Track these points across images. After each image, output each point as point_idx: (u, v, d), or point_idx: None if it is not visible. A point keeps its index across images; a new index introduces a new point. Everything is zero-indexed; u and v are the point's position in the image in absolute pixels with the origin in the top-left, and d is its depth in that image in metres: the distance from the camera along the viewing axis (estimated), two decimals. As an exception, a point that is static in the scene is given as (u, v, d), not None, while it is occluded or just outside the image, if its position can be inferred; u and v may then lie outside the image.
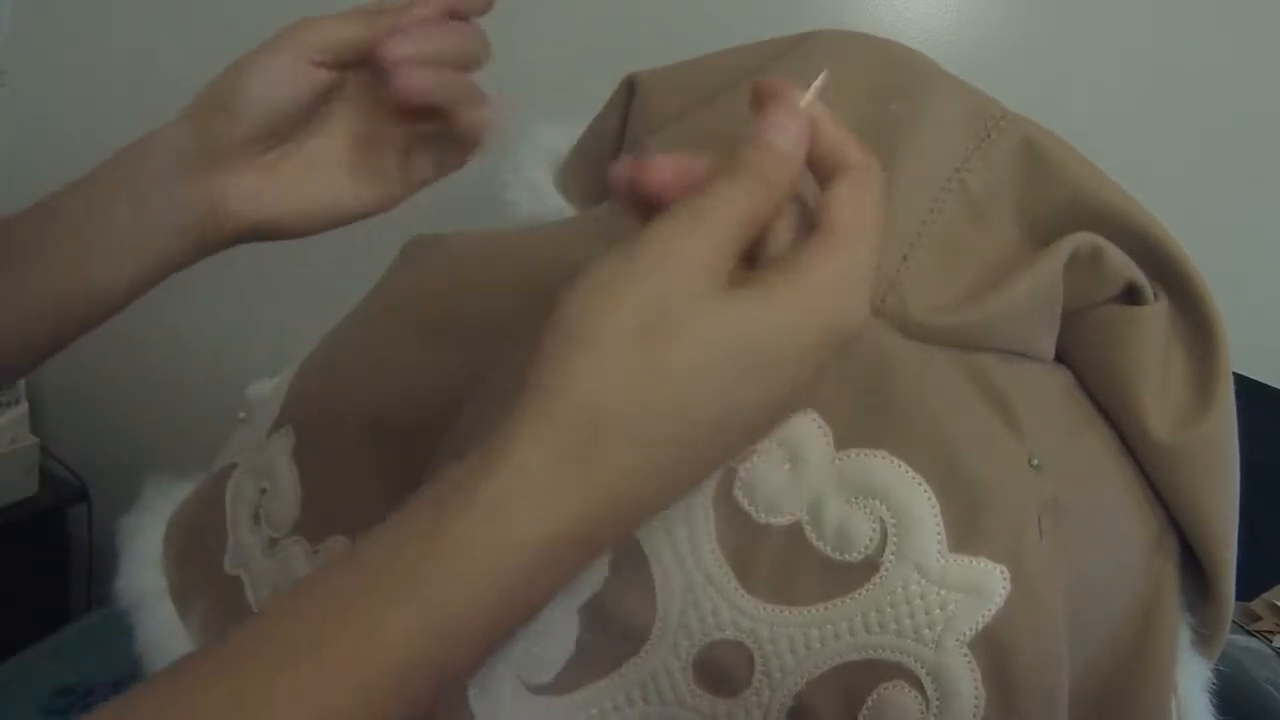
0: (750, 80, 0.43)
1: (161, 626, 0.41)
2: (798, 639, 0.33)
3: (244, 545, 0.41)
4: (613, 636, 0.34)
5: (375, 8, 0.39)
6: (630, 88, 0.47)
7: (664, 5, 1.03)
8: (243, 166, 0.39)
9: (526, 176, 0.49)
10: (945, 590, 0.32)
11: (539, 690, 0.34)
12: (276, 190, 0.40)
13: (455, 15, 0.40)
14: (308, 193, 0.41)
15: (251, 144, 0.39)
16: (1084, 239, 0.37)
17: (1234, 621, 0.47)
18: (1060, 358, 0.40)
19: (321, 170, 0.41)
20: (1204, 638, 0.40)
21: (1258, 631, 0.73)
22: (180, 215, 0.39)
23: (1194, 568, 0.39)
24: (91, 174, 0.40)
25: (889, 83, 0.41)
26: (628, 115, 0.47)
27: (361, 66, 0.40)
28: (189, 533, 0.44)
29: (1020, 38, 0.93)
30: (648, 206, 0.27)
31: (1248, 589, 0.75)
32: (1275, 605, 0.76)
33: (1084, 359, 0.40)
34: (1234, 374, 0.39)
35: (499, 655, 0.32)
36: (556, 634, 0.33)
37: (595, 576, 0.33)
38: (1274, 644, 0.71)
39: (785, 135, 0.27)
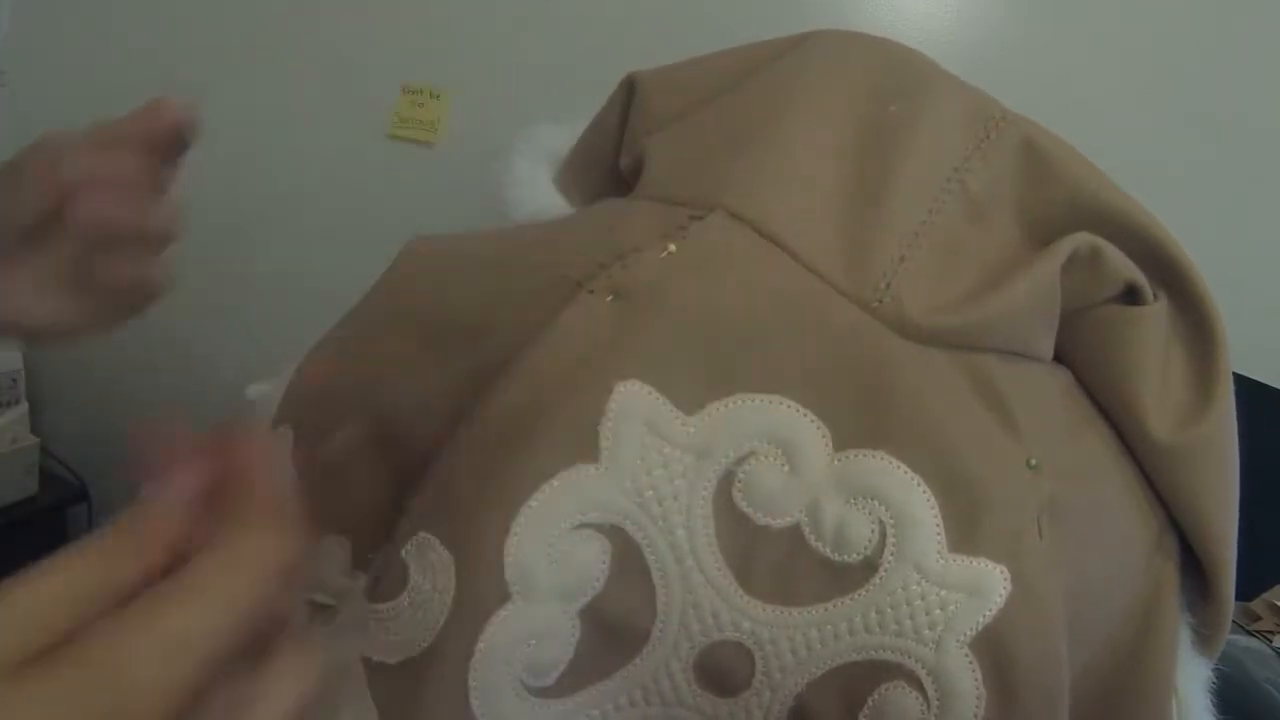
0: (750, 79, 0.43)
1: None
2: (798, 639, 0.33)
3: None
4: (614, 639, 0.34)
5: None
6: (630, 87, 0.47)
7: (664, 5, 1.03)
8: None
9: (526, 176, 0.49)
10: (945, 590, 0.32)
11: (541, 693, 0.34)
12: (10, 296, 0.41)
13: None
14: (36, 306, 0.41)
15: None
16: (1083, 239, 0.37)
17: (1234, 621, 0.47)
18: (1060, 358, 0.40)
19: (46, 286, 0.41)
20: (1204, 638, 0.40)
21: (1258, 631, 0.73)
22: None
23: (1194, 568, 0.39)
24: None
25: (889, 83, 0.41)
26: (627, 115, 0.47)
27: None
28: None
29: (1020, 38, 0.93)
30: None
31: (1248, 589, 0.75)
32: (1275, 605, 0.76)
33: (1084, 359, 0.40)
34: (1234, 374, 0.39)
35: (499, 659, 0.32)
36: (557, 637, 0.33)
37: (595, 579, 0.33)
38: (1274, 644, 0.71)
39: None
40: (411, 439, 0.37)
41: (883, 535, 0.32)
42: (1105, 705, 0.37)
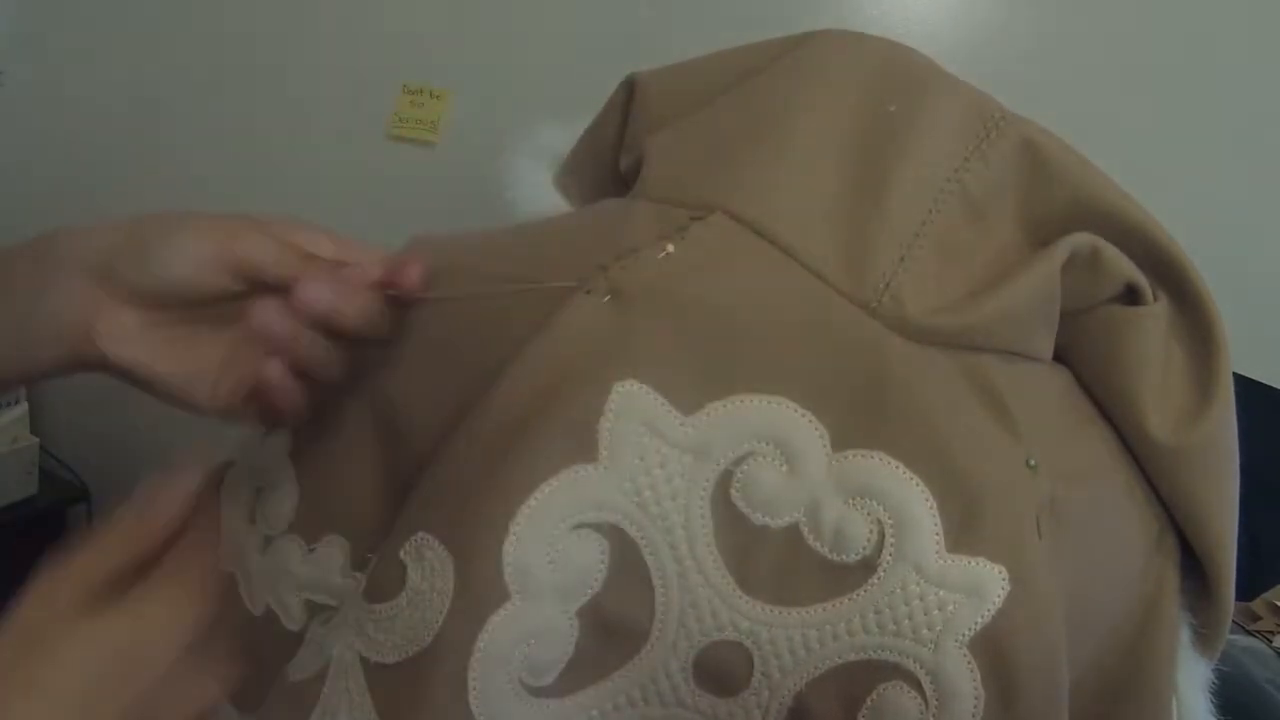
0: (750, 79, 0.43)
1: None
2: (796, 640, 0.33)
3: (239, 543, 0.41)
4: (612, 638, 0.34)
5: (305, 248, 0.38)
6: (630, 88, 0.47)
7: (664, 5, 1.03)
8: (129, 306, 0.39)
9: (526, 176, 0.49)
10: (944, 591, 0.32)
11: (540, 693, 0.34)
12: (145, 344, 0.39)
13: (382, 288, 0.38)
14: (173, 363, 0.39)
15: (146, 297, 0.38)
16: (1083, 239, 0.37)
17: (1234, 621, 0.47)
18: (1060, 358, 0.40)
19: (192, 351, 0.40)
20: (1204, 638, 0.40)
21: (1258, 631, 0.73)
22: (61, 315, 0.39)
23: (1194, 568, 0.39)
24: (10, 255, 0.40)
25: (888, 83, 0.41)
26: (627, 115, 0.47)
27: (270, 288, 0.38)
28: (186, 530, 0.44)
29: (1020, 38, 0.93)
30: None
31: (1248, 589, 0.75)
32: (1275, 605, 0.76)
33: (1083, 359, 0.40)
34: (1234, 374, 0.39)
35: (498, 658, 0.32)
36: (556, 636, 0.33)
37: (594, 578, 0.33)
38: (1274, 644, 0.71)
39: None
40: (410, 438, 0.37)
41: (881, 535, 0.32)
42: (1105, 705, 0.37)
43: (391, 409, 0.38)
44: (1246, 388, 0.41)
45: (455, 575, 0.32)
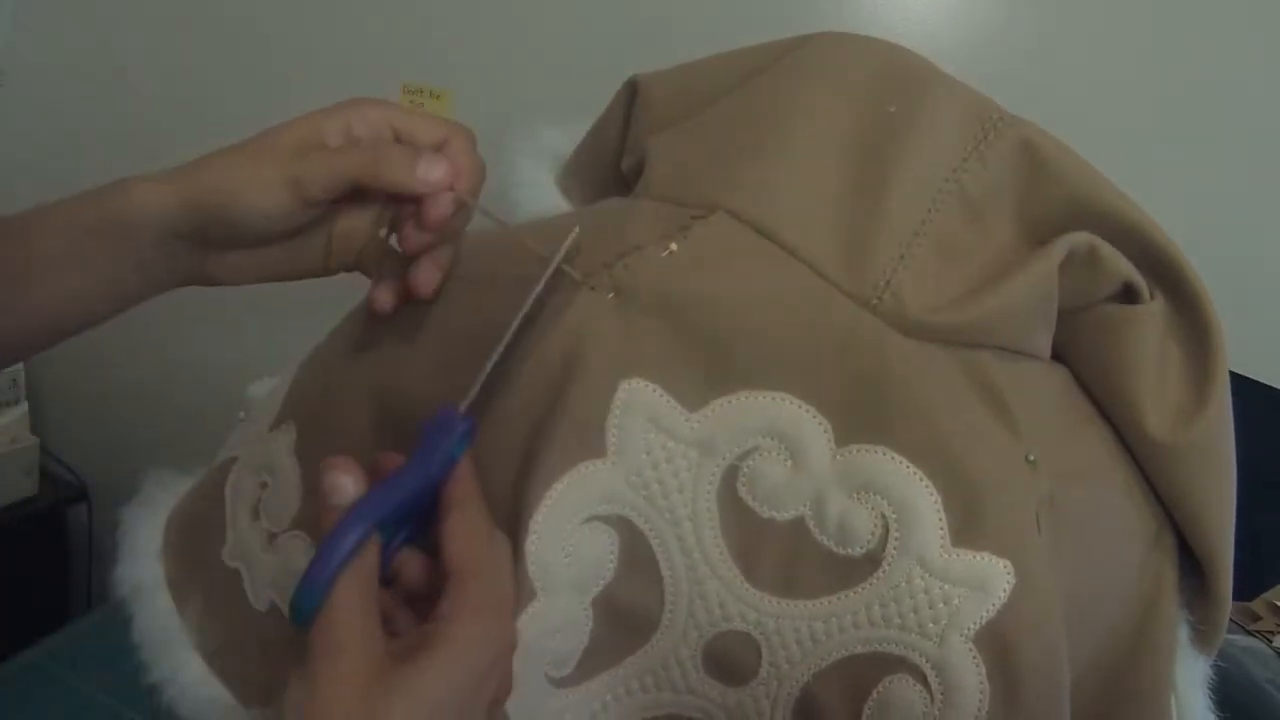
0: (751, 81, 0.43)
1: (158, 617, 0.41)
2: (803, 631, 0.33)
3: (243, 539, 0.41)
4: (625, 626, 0.34)
5: (371, 145, 0.40)
6: (632, 89, 0.47)
7: (665, 6, 1.03)
8: (234, 252, 0.42)
9: (529, 177, 0.49)
10: (948, 585, 0.32)
11: (561, 683, 0.34)
12: (259, 266, 0.42)
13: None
14: (284, 266, 0.43)
15: (243, 246, 0.41)
16: (1080, 239, 0.38)
17: (1234, 621, 0.47)
18: (1058, 356, 0.41)
19: (300, 252, 0.43)
20: (1202, 635, 0.40)
21: (1258, 631, 0.73)
22: (171, 273, 0.42)
23: (1192, 566, 0.39)
24: (77, 212, 0.41)
25: (888, 84, 0.41)
26: (630, 117, 0.47)
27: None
28: (189, 525, 0.44)
29: (1020, 38, 0.93)
30: None
31: (1248, 589, 0.75)
32: (1275, 605, 0.76)
33: (1081, 357, 0.40)
34: (1234, 374, 0.39)
35: (528, 654, 0.32)
36: (575, 628, 0.34)
37: (606, 569, 0.33)
38: (1274, 644, 0.71)
39: None
40: (413, 435, 0.37)
41: (885, 529, 0.33)
42: (1105, 702, 0.37)
43: (395, 407, 0.38)
44: (1246, 388, 0.41)
45: None
